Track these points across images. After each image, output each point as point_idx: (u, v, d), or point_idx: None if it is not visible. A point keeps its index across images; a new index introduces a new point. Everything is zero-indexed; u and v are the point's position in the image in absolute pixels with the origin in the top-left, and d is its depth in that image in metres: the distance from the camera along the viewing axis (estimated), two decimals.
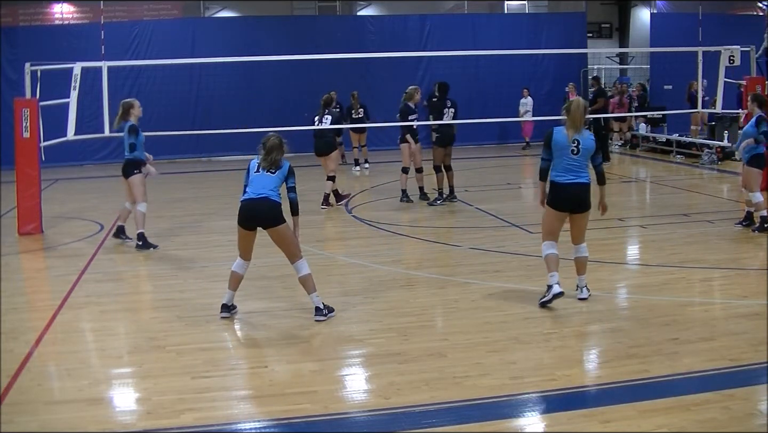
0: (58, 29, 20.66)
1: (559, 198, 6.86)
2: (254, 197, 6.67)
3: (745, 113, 12.97)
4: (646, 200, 13.70)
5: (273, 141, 6.76)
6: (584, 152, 6.81)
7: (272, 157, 6.70)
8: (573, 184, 6.80)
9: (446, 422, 4.70)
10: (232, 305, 6.95)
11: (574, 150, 6.77)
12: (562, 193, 6.83)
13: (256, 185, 6.69)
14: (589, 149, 6.84)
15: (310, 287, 6.74)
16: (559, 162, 6.83)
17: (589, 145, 6.82)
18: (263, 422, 4.79)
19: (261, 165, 6.74)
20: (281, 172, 6.72)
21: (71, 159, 19.16)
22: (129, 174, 9.74)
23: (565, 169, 6.81)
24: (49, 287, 8.45)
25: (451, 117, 12.34)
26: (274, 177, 6.69)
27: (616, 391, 5.10)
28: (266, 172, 6.71)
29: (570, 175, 6.80)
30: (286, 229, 6.68)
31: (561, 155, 6.80)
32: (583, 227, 7.00)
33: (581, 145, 6.78)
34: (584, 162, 6.85)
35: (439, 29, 21.84)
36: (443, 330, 6.57)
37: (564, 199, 6.85)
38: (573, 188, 6.80)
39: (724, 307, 6.98)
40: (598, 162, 6.97)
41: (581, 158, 6.81)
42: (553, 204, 6.90)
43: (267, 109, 19.00)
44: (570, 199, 6.85)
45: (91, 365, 5.91)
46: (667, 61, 21.77)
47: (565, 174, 6.81)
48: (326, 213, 12.24)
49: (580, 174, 6.82)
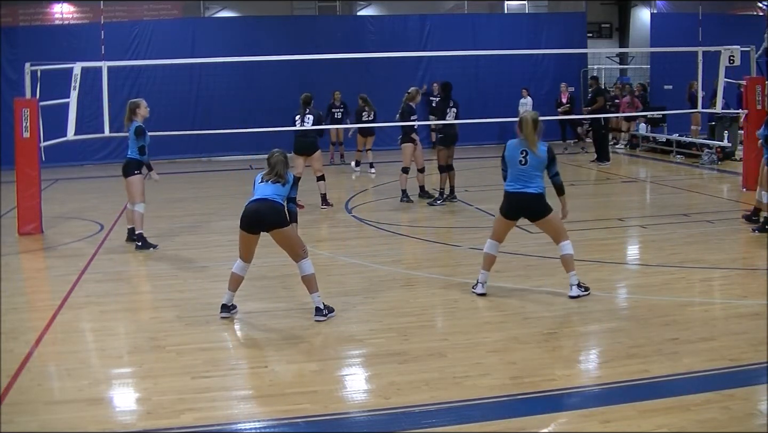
0: (58, 29, 20.65)
1: (507, 205, 7.18)
2: (257, 199, 6.71)
3: (745, 113, 13.01)
4: (646, 200, 13.69)
5: (277, 157, 6.86)
6: (532, 163, 7.01)
7: (277, 171, 6.79)
8: (519, 193, 7.05)
9: (446, 422, 4.70)
10: (231, 305, 6.95)
11: (521, 161, 7.03)
12: (509, 201, 7.16)
13: (260, 192, 6.76)
14: (539, 161, 7.02)
15: (312, 286, 6.75)
16: (511, 172, 7.12)
17: (537, 156, 7.01)
18: (263, 422, 4.79)
19: (265, 178, 6.82)
20: (287, 182, 6.80)
21: (71, 159, 19.15)
22: (129, 173, 9.73)
23: (515, 178, 7.10)
24: (49, 287, 8.45)
25: (453, 117, 12.35)
26: (279, 185, 6.76)
27: (616, 391, 5.10)
28: (271, 183, 6.77)
29: (518, 184, 7.07)
30: (289, 231, 6.69)
31: (512, 165, 7.10)
32: (552, 229, 7.17)
33: (528, 156, 7.00)
34: (534, 173, 7.04)
35: (439, 29, 21.84)
36: (443, 330, 6.58)
37: (510, 207, 7.16)
38: (519, 197, 7.06)
39: (724, 307, 6.98)
40: (553, 173, 7.14)
41: (530, 168, 7.02)
42: (502, 210, 7.23)
43: (267, 109, 18.96)
44: (516, 207, 7.13)
45: (91, 365, 5.91)
46: (667, 61, 21.78)
47: (514, 183, 7.11)
48: (326, 213, 12.24)
49: (529, 184, 7.02)
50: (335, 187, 15.92)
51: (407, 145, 12.65)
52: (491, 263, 7.33)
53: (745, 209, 10.44)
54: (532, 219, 7.21)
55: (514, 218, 7.24)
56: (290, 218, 6.80)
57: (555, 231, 7.15)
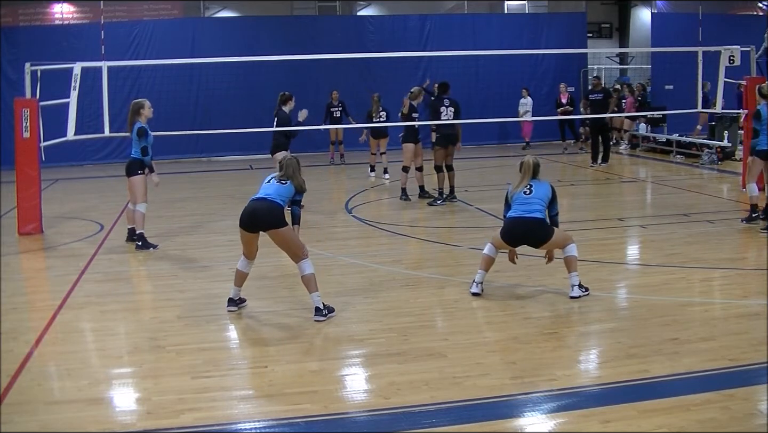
0: (58, 29, 20.65)
1: (509, 231, 7.18)
2: (256, 198, 6.73)
3: (745, 113, 13.01)
4: (646, 200, 13.69)
5: (290, 161, 6.93)
6: (537, 194, 7.12)
7: (286, 173, 6.83)
8: (522, 217, 7.09)
9: (446, 422, 4.70)
10: (239, 299, 7.02)
11: (526, 192, 7.15)
12: (511, 225, 7.17)
13: (263, 190, 6.79)
14: (544, 192, 7.15)
15: (312, 286, 6.74)
16: (515, 204, 7.20)
17: (543, 190, 7.16)
18: (263, 422, 4.79)
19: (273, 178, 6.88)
20: (292, 185, 6.82)
21: (71, 159, 19.18)
22: (132, 173, 9.72)
23: (518, 207, 7.15)
24: (49, 287, 8.45)
25: (450, 117, 12.33)
26: (284, 186, 6.79)
27: (616, 391, 5.10)
28: (277, 182, 6.80)
29: (521, 210, 7.12)
30: (287, 231, 6.67)
31: (516, 198, 7.19)
32: (556, 244, 7.17)
33: (533, 187, 7.14)
34: (538, 201, 7.11)
35: (439, 29, 21.84)
36: (443, 330, 6.57)
37: (512, 233, 7.17)
38: (522, 221, 7.09)
39: (724, 307, 6.98)
40: (554, 212, 7.22)
41: (534, 198, 7.11)
42: (503, 236, 7.23)
43: (267, 109, 18.91)
44: (518, 233, 7.15)
45: (91, 365, 5.91)
46: (668, 61, 21.77)
47: (517, 210, 7.14)
48: (326, 213, 12.22)
49: (532, 211, 7.08)
50: (335, 187, 15.96)
51: (408, 144, 12.67)
52: (490, 264, 7.34)
53: (744, 210, 10.44)
54: (534, 246, 7.24)
55: (515, 245, 7.30)
56: (293, 220, 6.83)
57: (560, 244, 7.16)
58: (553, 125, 20.37)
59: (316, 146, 19.48)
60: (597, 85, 18.03)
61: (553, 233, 7.09)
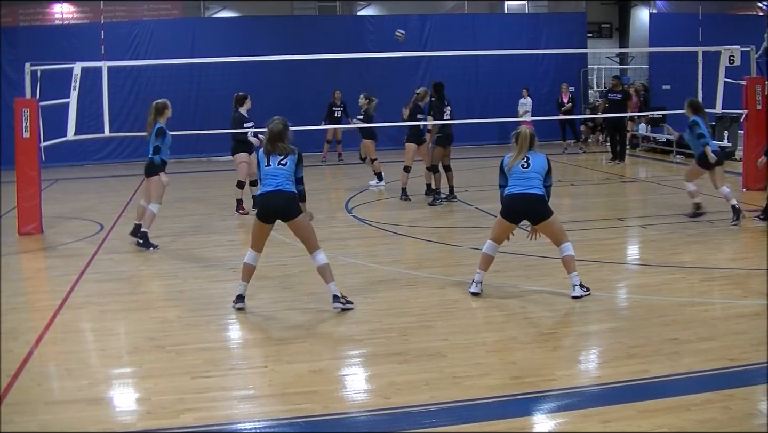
0: (58, 29, 20.64)
1: (508, 207, 7.16)
2: (271, 190, 6.77)
3: (745, 113, 13.02)
4: (646, 200, 13.69)
5: (276, 125, 6.82)
6: (535, 166, 7.09)
7: (277, 145, 6.76)
8: (522, 194, 7.07)
9: (446, 422, 4.70)
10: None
11: (524, 165, 7.09)
12: (511, 202, 7.14)
13: (271, 179, 6.79)
14: (541, 165, 7.12)
15: (328, 276, 6.83)
16: (512, 178, 7.16)
17: (540, 162, 7.13)
18: (263, 422, 4.79)
19: (266, 150, 6.80)
20: (291, 161, 6.80)
21: (71, 159, 19.16)
22: (151, 173, 9.71)
23: (517, 182, 7.12)
24: (49, 287, 8.45)
25: (449, 116, 12.36)
26: (286, 169, 6.79)
27: (616, 391, 5.10)
28: (277, 165, 6.78)
29: (520, 186, 7.08)
30: (303, 219, 6.80)
31: (513, 172, 7.14)
32: (552, 233, 7.18)
33: (530, 160, 7.10)
34: (536, 176, 7.09)
35: (439, 29, 21.82)
36: (443, 330, 6.56)
37: (512, 209, 7.15)
38: (522, 198, 7.07)
39: (724, 307, 6.98)
40: (548, 183, 7.19)
41: (532, 171, 7.08)
42: (502, 213, 7.22)
43: (267, 109, 18.86)
44: (518, 209, 7.14)
45: (91, 365, 5.91)
46: (667, 61, 21.75)
47: (516, 186, 7.11)
48: (326, 213, 12.21)
49: (531, 186, 7.06)
50: (335, 187, 15.95)
51: (411, 144, 12.68)
52: (489, 263, 7.34)
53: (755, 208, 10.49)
54: (533, 222, 7.22)
55: (516, 221, 7.25)
56: (300, 198, 6.87)
57: (556, 234, 7.17)
58: (553, 125, 20.36)
59: (317, 146, 19.47)
60: (616, 85, 18.09)
61: (552, 214, 7.11)
